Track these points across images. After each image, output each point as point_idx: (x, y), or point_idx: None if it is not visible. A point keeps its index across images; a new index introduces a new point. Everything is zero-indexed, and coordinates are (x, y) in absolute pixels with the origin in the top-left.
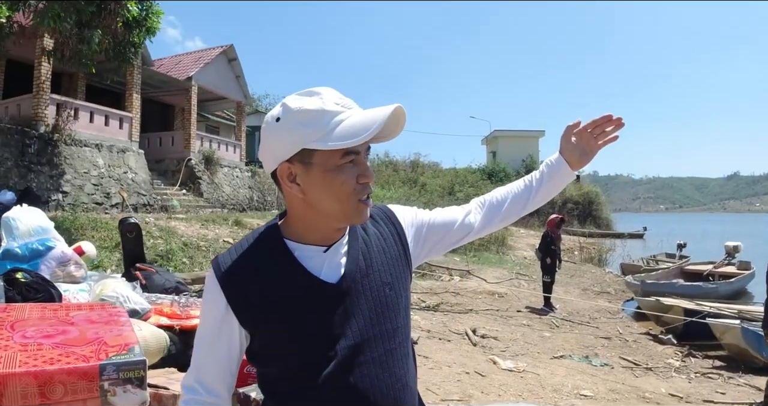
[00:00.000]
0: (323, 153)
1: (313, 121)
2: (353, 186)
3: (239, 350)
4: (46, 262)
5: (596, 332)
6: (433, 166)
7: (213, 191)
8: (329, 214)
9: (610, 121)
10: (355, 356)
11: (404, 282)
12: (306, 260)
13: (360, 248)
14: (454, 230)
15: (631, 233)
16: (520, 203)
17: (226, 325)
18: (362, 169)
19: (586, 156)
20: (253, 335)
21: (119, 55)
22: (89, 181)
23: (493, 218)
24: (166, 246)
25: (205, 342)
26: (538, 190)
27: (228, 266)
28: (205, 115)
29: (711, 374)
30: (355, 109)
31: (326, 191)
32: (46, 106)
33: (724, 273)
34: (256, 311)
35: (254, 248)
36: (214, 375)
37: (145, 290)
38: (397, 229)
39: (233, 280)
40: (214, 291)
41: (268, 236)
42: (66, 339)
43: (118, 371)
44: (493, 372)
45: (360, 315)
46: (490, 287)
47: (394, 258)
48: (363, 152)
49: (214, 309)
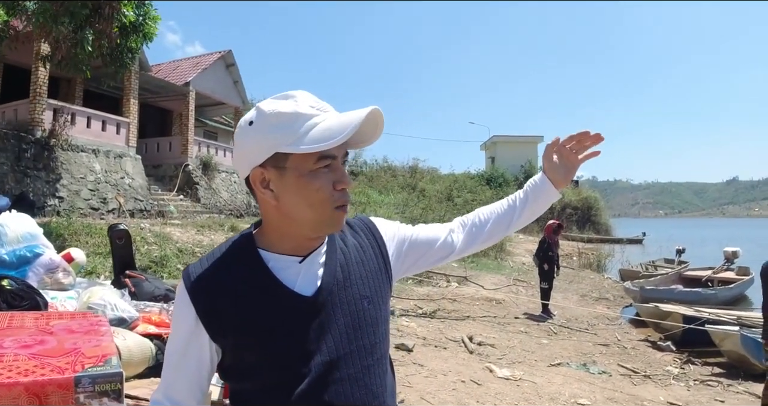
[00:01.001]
0: (297, 157)
1: (286, 125)
2: (329, 192)
3: (210, 364)
4: (34, 269)
5: (594, 338)
6: (431, 172)
7: (210, 197)
8: (303, 222)
9: (589, 137)
10: (330, 373)
11: (383, 296)
12: (280, 271)
13: (338, 259)
14: (436, 248)
15: (630, 238)
16: (503, 224)
17: (195, 338)
18: (339, 175)
19: (569, 172)
20: (224, 350)
21: (116, 60)
22: (86, 187)
23: (476, 238)
24: (160, 252)
25: (174, 356)
26: (522, 210)
27: (198, 277)
28: (203, 121)
29: (710, 381)
30: (331, 113)
31: (300, 197)
32: (42, 111)
33: (723, 279)
34: (226, 325)
35: (226, 258)
36: (184, 390)
37: (134, 298)
38: (378, 241)
39: (203, 291)
40: (183, 303)
41: (242, 245)
42: (43, 350)
43: (93, 383)
44: (489, 381)
45: (336, 330)
46: (487, 293)
47: (374, 271)
48: (340, 158)
49: (184, 322)
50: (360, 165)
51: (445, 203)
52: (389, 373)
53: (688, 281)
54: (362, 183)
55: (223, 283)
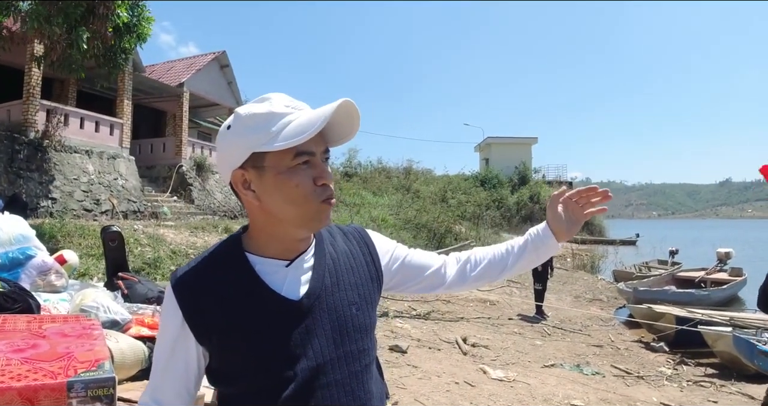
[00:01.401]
0: (274, 155)
1: (261, 125)
2: (310, 188)
3: (197, 368)
4: (26, 271)
5: (588, 340)
6: (426, 173)
7: (204, 198)
8: (288, 220)
9: (597, 193)
10: (315, 379)
11: (372, 303)
12: (267, 275)
13: (326, 264)
14: (426, 275)
15: (624, 239)
16: (497, 268)
17: (182, 341)
18: (318, 171)
19: (574, 225)
20: (211, 354)
21: (110, 60)
22: (79, 188)
23: (466, 277)
24: (154, 254)
25: (161, 359)
26: (520, 257)
27: (186, 280)
28: (197, 122)
29: (703, 382)
30: (306, 110)
31: (281, 195)
32: (36, 112)
33: (716, 280)
34: (212, 328)
35: (214, 262)
36: (171, 393)
37: (127, 300)
38: (370, 250)
39: (190, 295)
40: (170, 306)
41: (229, 248)
42: (36, 354)
43: (86, 388)
44: (483, 382)
45: (323, 335)
46: (481, 294)
47: (364, 278)
48: (319, 154)
49: (171, 325)
50: (354, 166)
51: (439, 205)
52: (377, 379)
53: (682, 282)
54: (357, 184)
55: (210, 286)
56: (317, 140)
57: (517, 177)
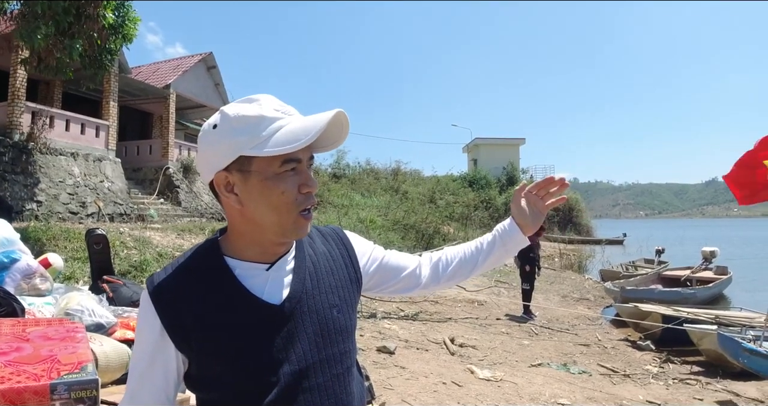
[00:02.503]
0: (261, 160)
1: (250, 128)
2: (294, 196)
3: (176, 375)
4: (10, 275)
5: (575, 339)
6: (414, 174)
7: (191, 200)
8: (267, 226)
9: (554, 183)
10: (298, 383)
11: (352, 305)
12: (247, 279)
13: (307, 266)
14: (402, 276)
15: (611, 239)
16: (468, 266)
17: (161, 349)
18: (304, 178)
19: (537, 218)
20: (190, 360)
21: (95, 62)
22: (64, 191)
23: (439, 276)
24: (140, 257)
25: (139, 366)
26: (489, 254)
27: (163, 286)
28: (184, 124)
29: (689, 379)
30: (296, 116)
31: (265, 202)
32: (21, 114)
33: (702, 278)
34: (192, 335)
35: (191, 266)
36: (150, 400)
37: (112, 303)
38: (348, 252)
39: (169, 301)
40: (148, 312)
41: (207, 252)
42: (19, 357)
43: (69, 390)
44: (471, 382)
45: (305, 339)
46: (469, 295)
47: (343, 280)
48: (305, 161)
49: (149, 332)
50: (343, 168)
51: (427, 206)
52: (358, 380)
53: (667, 281)
54: (345, 186)
55: (188, 292)
56: (304, 147)
57: (505, 178)
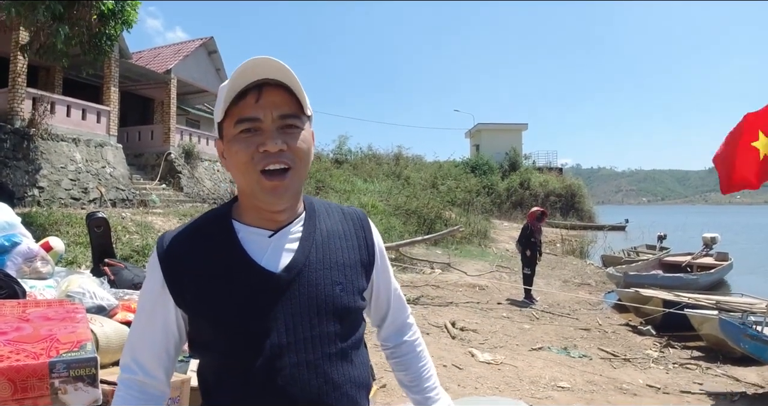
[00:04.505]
0: (225, 125)
1: (220, 97)
2: (250, 155)
3: (176, 331)
4: (12, 258)
5: (576, 323)
6: (416, 160)
7: (193, 186)
8: (243, 189)
9: None
10: (285, 356)
11: (359, 287)
12: (249, 244)
13: (315, 239)
14: (382, 314)
15: (613, 225)
16: (401, 377)
17: (161, 303)
18: (263, 137)
19: None
20: (189, 319)
21: (95, 47)
22: (66, 177)
23: (388, 354)
24: (142, 241)
25: (141, 319)
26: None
27: (170, 243)
28: (185, 109)
29: (689, 364)
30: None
31: (231, 163)
32: (21, 101)
33: (702, 264)
34: (188, 292)
35: (201, 227)
36: (150, 355)
37: (113, 286)
38: (366, 236)
39: (172, 257)
40: (153, 267)
41: (218, 214)
42: (19, 336)
43: (68, 368)
44: (471, 365)
45: (298, 312)
46: (471, 279)
47: (353, 261)
48: (271, 120)
49: (151, 285)
50: (345, 153)
51: (429, 191)
52: (359, 366)
53: (668, 267)
54: (347, 171)
55: (191, 250)
56: (264, 104)
57: (507, 163)
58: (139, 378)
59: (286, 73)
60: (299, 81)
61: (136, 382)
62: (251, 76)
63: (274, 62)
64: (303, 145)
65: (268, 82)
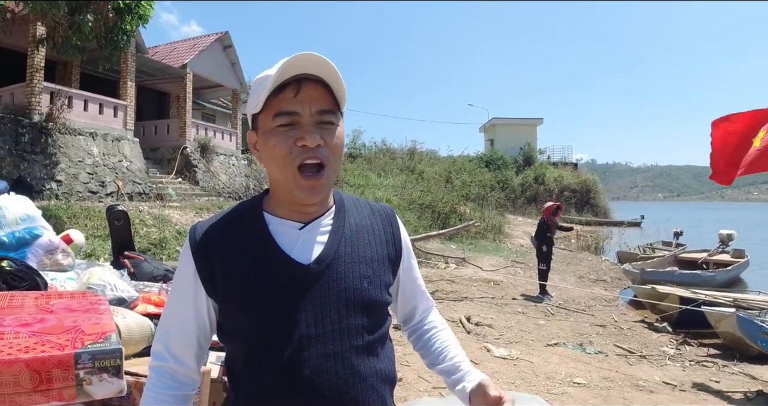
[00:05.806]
0: (262, 117)
1: (257, 88)
2: (288, 149)
3: (207, 320)
4: (33, 250)
5: (591, 319)
6: (430, 154)
7: (209, 180)
8: (278, 182)
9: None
10: (314, 347)
11: (386, 282)
12: (279, 236)
13: (344, 233)
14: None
15: (629, 221)
16: (427, 358)
17: (192, 292)
18: (302, 132)
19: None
20: (219, 308)
21: (111, 42)
22: (84, 170)
23: (412, 338)
24: (159, 234)
25: (172, 308)
26: (440, 372)
27: (203, 233)
28: (201, 103)
29: (705, 362)
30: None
31: (267, 156)
32: (39, 95)
33: (718, 261)
34: (218, 282)
35: (233, 218)
36: (181, 343)
37: (133, 278)
38: (393, 232)
39: (204, 247)
40: (186, 257)
41: (250, 206)
42: (43, 327)
43: (93, 359)
44: (487, 360)
45: (327, 304)
46: (485, 274)
47: (381, 255)
48: (309, 114)
49: (184, 275)
50: (359, 147)
51: (443, 185)
52: (384, 360)
53: (684, 264)
54: (361, 165)
55: (222, 241)
56: (303, 99)
57: (522, 158)
58: (170, 365)
59: (328, 69)
60: (342, 79)
61: (168, 369)
62: (293, 70)
63: (318, 58)
64: (338, 141)
65: (308, 77)
